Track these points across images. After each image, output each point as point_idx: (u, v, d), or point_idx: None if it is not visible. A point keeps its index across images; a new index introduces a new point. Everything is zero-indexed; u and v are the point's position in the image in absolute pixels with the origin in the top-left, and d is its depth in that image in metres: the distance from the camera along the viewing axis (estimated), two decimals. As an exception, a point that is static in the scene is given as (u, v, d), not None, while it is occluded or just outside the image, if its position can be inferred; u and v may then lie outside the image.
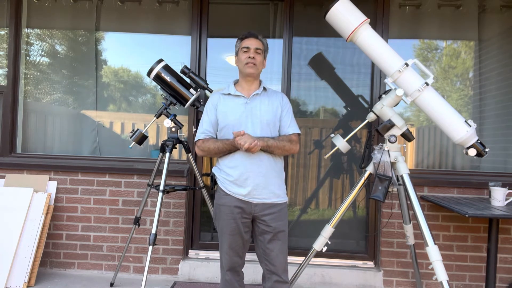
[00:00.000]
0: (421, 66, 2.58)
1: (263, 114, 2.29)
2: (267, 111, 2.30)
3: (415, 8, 3.50)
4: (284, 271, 2.30)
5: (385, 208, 3.32)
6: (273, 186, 2.27)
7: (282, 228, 2.28)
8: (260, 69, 2.35)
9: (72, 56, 3.74)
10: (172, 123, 2.88)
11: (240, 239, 2.28)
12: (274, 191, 2.28)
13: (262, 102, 2.32)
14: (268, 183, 2.26)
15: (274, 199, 2.27)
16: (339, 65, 3.55)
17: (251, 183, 2.23)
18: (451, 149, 3.49)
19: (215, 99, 2.37)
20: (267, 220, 2.25)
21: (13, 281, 3.11)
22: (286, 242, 2.32)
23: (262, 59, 2.35)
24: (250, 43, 2.32)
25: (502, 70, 3.45)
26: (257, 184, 2.23)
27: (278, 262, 2.27)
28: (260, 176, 2.24)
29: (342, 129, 3.53)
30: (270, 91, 2.41)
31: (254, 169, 2.23)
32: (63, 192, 3.49)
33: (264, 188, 2.24)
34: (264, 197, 2.25)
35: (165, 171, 2.78)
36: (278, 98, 2.37)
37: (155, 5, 3.64)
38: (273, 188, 2.27)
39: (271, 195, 2.27)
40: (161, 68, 2.79)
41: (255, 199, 2.24)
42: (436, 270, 2.46)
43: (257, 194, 2.24)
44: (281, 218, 2.28)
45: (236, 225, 2.26)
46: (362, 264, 3.46)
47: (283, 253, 2.29)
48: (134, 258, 3.47)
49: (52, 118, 3.74)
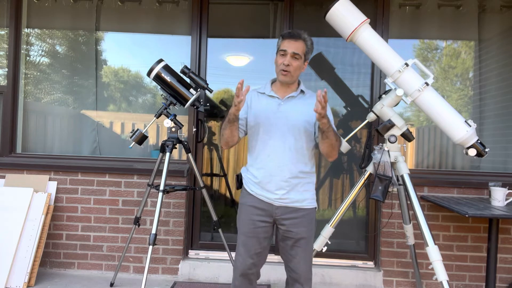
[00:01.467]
0: (421, 66, 2.58)
1: (295, 118, 2.13)
2: (300, 115, 2.13)
3: (415, 8, 3.50)
4: (307, 279, 2.17)
5: (385, 208, 3.32)
6: (295, 192, 2.14)
7: (304, 235, 2.14)
8: (295, 76, 2.15)
9: (72, 56, 3.74)
10: (172, 123, 2.88)
11: (257, 243, 2.16)
12: (298, 196, 2.15)
13: (297, 105, 2.16)
14: (294, 184, 2.13)
15: (297, 204, 2.15)
16: (339, 65, 3.55)
17: (274, 186, 2.13)
18: (451, 149, 3.49)
19: (249, 96, 2.22)
20: (287, 225, 2.14)
21: (13, 281, 3.11)
22: (310, 250, 2.19)
23: (301, 64, 2.13)
24: (288, 46, 2.09)
25: (502, 70, 3.45)
26: (280, 187, 2.12)
27: (301, 270, 2.16)
28: (283, 181, 2.12)
29: (342, 129, 3.53)
30: (308, 94, 2.21)
31: (278, 172, 2.12)
32: (63, 192, 3.49)
33: (287, 192, 2.13)
34: (286, 201, 2.14)
35: (165, 171, 2.78)
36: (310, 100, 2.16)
37: (155, 5, 3.64)
38: (295, 194, 2.14)
39: (293, 199, 2.14)
40: (161, 68, 2.79)
41: (277, 201, 2.14)
42: (436, 270, 2.46)
43: (279, 197, 2.13)
44: (303, 225, 2.14)
45: (254, 227, 2.16)
46: (362, 264, 3.46)
47: (306, 261, 2.16)
48: (134, 258, 3.47)
49: (52, 118, 3.74)
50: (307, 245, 2.16)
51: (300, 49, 2.10)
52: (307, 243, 2.16)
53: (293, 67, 2.10)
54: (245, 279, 2.20)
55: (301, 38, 2.11)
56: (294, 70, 2.11)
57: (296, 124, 2.12)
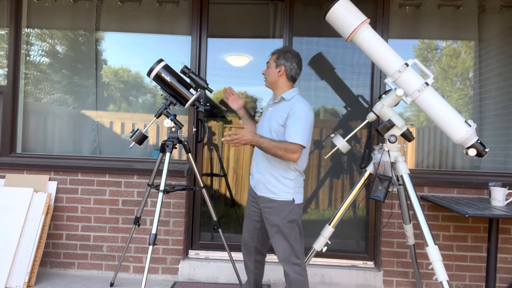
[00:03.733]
0: (421, 66, 2.58)
1: (271, 121, 2.48)
2: (275, 119, 2.45)
3: (415, 8, 3.50)
4: (284, 262, 2.45)
5: (385, 208, 3.32)
6: (270, 184, 2.46)
7: (277, 223, 2.42)
8: (270, 79, 2.53)
9: (72, 56, 3.74)
10: (172, 123, 2.88)
11: (250, 222, 2.63)
12: (270, 189, 2.46)
13: (276, 110, 2.49)
14: (265, 180, 2.48)
15: (270, 195, 2.46)
16: (339, 65, 3.55)
17: (255, 177, 2.56)
18: (451, 149, 3.49)
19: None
20: (266, 212, 2.48)
21: (13, 281, 3.11)
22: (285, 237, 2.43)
23: (272, 69, 2.51)
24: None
25: (502, 70, 3.45)
26: (258, 179, 2.53)
27: (278, 253, 2.48)
28: (259, 173, 2.52)
29: (342, 129, 3.53)
30: (291, 100, 2.45)
31: (257, 167, 2.55)
32: (63, 192, 3.49)
33: (262, 184, 2.49)
34: (263, 191, 2.49)
35: (165, 171, 2.78)
36: (289, 107, 2.41)
37: (155, 5, 3.64)
38: (269, 186, 2.46)
39: (267, 191, 2.47)
40: (161, 68, 2.79)
41: (258, 191, 2.53)
42: (436, 270, 2.46)
43: (259, 188, 2.52)
44: (277, 213, 2.43)
45: (248, 210, 2.65)
46: (362, 264, 3.46)
47: (281, 246, 2.44)
48: (134, 258, 3.47)
49: (52, 118, 3.74)
50: (281, 232, 2.43)
51: (271, 59, 2.54)
52: (280, 230, 2.43)
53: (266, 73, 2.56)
54: (245, 249, 2.69)
55: (275, 52, 2.55)
56: (267, 74, 2.55)
57: (272, 126, 2.46)
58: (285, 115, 2.39)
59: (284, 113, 2.40)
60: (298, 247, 2.45)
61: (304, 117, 2.36)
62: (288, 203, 2.42)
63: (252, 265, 2.69)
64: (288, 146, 2.32)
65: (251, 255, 2.68)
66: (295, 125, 2.35)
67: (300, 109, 2.38)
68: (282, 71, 2.48)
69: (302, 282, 2.44)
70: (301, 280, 2.44)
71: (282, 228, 2.41)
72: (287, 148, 2.31)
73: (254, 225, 2.61)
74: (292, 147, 2.31)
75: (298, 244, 2.45)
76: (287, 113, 2.39)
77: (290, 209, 2.42)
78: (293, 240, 2.43)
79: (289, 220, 2.41)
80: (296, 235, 2.44)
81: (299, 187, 2.48)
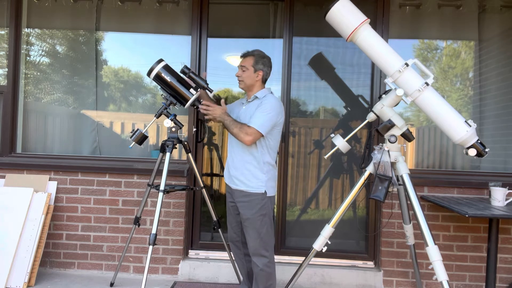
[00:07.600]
0: (421, 66, 2.58)
1: (243, 116, 2.66)
2: (246, 115, 2.64)
3: (415, 8, 3.50)
4: (254, 255, 2.60)
5: (385, 208, 3.32)
6: (243, 176, 2.60)
7: (249, 216, 2.57)
8: (248, 82, 2.67)
9: (72, 56, 3.74)
10: (172, 123, 2.87)
11: (232, 218, 2.76)
12: (244, 182, 2.60)
13: (249, 107, 2.67)
14: (239, 174, 2.62)
15: (243, 187, 2.60)
16: (339, 65, 3.55)
17: (229, 171, 2.70)
18: (451, 149, 3.49)
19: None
20: (240, 207, 2.63)
21: (13, 281, 3.11)
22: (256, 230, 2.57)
23: (250, 73, 2.65)
24: (240, 62, 2.70)
25: (502, 70, 3.45)
26: (232, 173, 2.67)
27: (249, 246, 2.62)
28: (234, 168, 2.65)
29: (342, 129, 3.53)
30: (264, 99, 2.62)
31: (231, 160, 2.69)
32: (63, 192, 3.49)
33: (236, 177, 2.63)
34: (237, 184, 2.63)
35: (165, 171, 2.78)
36: (258, 103, 2.62)
37: (155, 5, 3.64)
38: (243, 179, 2.60)
39: (241, 184, 2.61)
40: (161, 68, 2.79)
41: (232, 185, 2.67)
42: (436, 270, 2.46)
43: (233, 182, 2.66)
44: (250, 207, 2.56)
45: (228, 205, 2.78)
46: (362, 264, 3.46)
47: (253, 239, 2.59)
48: (134, 258, 3.47)
49: (52, 118, 3.74)
50: (252, 225, 2.57)
51: (247, 62, 2.65)
52: (251, 223, 2.57)
53: (243, 77, 2.67)
54: (233, 245, 2.82)
55: (249, 55, 2.67)
56: (244, 78, 2.66)
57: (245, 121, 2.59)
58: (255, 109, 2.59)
59: (253, 109, 2.60)
60: (267, 240, 2.60)
61: (270, 109, 2.55)
62: (261, 196, 2.57)
63: (242, 258, 2.82)
64: (244, 126, 2.52)
65: (239, 250, 2.81)
66: (259, 114, 2.54)
67: (267, 102, 2.58)
68: (260, 76, 2.66)
69: (269, 274, 2.61)
70: (268, 272, 2.60)
71: (254, 221, 2.56)
72: (243, 128, 2.51)
73: (235, 219, 2.74)
74: (248, 130, 2.50)
75: (268, 237, 2.61)
76: (255, 108, 2.60)
77: (263, 203, 2.58)
78: (263, 233, 2.58)
79: (261, 214, 2.57)
80: (267, 228, 2.60)
81: (272, 180, 2.63)
